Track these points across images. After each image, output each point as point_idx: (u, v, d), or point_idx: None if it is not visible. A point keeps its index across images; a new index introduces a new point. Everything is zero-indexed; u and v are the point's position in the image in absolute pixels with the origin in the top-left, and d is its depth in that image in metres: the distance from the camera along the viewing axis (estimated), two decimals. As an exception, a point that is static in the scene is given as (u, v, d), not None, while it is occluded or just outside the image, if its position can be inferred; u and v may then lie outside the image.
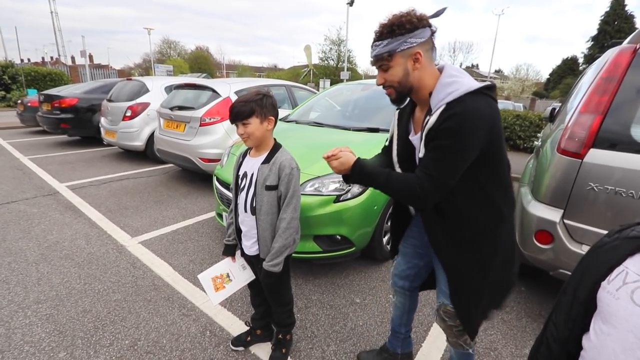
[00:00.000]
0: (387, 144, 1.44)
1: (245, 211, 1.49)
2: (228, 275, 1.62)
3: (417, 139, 1.17)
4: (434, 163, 1.05)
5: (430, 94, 1.09)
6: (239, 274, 1.64)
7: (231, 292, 1.62)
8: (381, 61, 1.09)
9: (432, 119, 1.05)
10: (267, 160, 1.43)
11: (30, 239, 2.86)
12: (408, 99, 1.19)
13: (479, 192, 1.11)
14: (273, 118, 1.43)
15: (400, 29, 1.03)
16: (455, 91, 1.03)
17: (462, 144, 1.01)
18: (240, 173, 1.51)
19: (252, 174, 1.45)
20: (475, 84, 1.04)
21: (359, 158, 1.18)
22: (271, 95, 1.43)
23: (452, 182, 1.05)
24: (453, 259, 1.19)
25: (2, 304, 2.04)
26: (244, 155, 1.54)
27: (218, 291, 1.59)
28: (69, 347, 1.75)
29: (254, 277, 1.65)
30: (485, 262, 1.17)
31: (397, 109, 1.30)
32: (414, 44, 1.05)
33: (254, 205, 1.45)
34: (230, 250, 1.63)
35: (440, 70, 1.13)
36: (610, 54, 1.87)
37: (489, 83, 1.08)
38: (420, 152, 1.11)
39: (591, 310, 0.65)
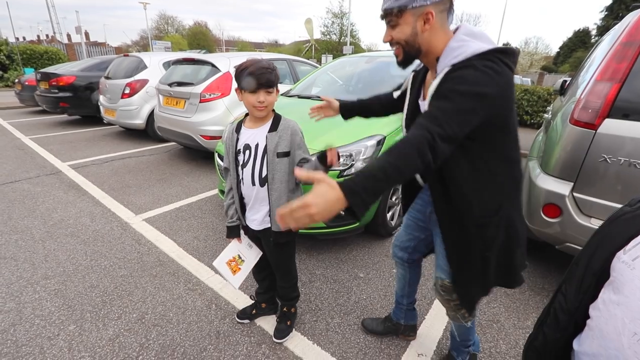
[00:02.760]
0: (396, 96, 1.41)
1: (254, 184, 1.44)
2: (240, 257, 1.60)
3: (425, 105, 1.10)
4: (430, 117, 0.90)
5: (438, 58, 1.02)
6: (248, 253, 1.63)
7: (247, 272, 1.61)
8: (390, 16, 1.01)
9: (436, 82, 0.98)
10: (273, 129, 1.39)
11: (35, 217, 2.88)
12: (417, 61, 1.11)
13: (483, 167, 1.05)
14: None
15: None
16: (461, 54, 0.95)
17: (463, 100, 0.90)
18: (240, 147, 1.45)
19: (257, 145, 1.40)
20: (485, 47, 0.95)
21: (342, 181, 0.80)
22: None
23: (460, 136, 0.90)
24: (456, 235, 1.16)
25: (11, 280, 2.08)
26: (238, 129, 1.46)
27: (236, 274, 1.58)
28: (79, 320, 1.78)
29: (261, 253, 1.64)
30: (488, 242, 1.12)
31: (412, 72, 1.24)
32: (427, 3, 0.96)
33: (264, 175, 1.41)
34: (234, 232, 1.59)
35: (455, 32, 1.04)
36: (631, 18, 1.76)
37: (504, 47, 0.98)
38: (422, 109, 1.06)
39: (603, 281, 0.63)
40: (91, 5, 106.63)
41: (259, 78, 1.27)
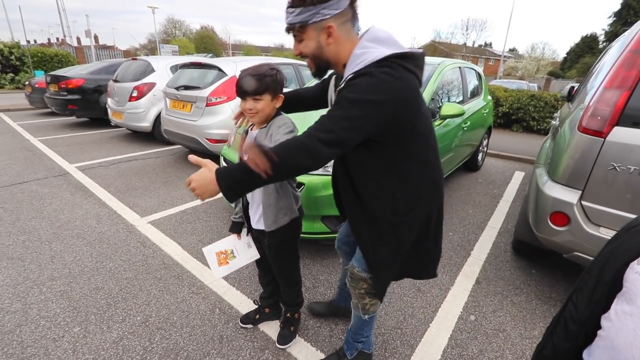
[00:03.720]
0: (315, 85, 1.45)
1: None
2: (232, 252, 1.60)
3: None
4: (319, 121, 0.95)
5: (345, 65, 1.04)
6: (243, 252, 1.62)
7: (234, 269, 1.60)
8: (294, 31, 1.03)
9: (338, 89, 1.04)
10: (264, 127, 1.38)
11: (42, 219, 2.91)
12: (331, 70, 1.15)
13: (393, 168, 1.09)
14: (282, 96, 1.36)
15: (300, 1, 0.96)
16: (362, 62, 0.97)
17: (355, 106, 0.92)
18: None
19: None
20: (385, 52, 0.96)
21: (218, 168, 0.96)
22: (281, 71, 1.35)
23: (348, 141, 0.94)
24: (366, 229, 1.20)
25: (18, 281, 2.10)
26: (247, 132, 1.49)
27: (221, 266, 1.57)
28: (83, 322, 1.79)
29: (258, 256, 1.64)
30: (401, 239, 1.18)
31: (333, 74, 1.29)
32: (327, 16, 0.97)
33: None
34: (236, 228, 1.61)
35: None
36: (641, 25, 1.75)
37: (407, 52, 0.98)
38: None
39: (615, 292, 0.62)
40: (101, 9, 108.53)
41: (242, 85, 1.26)
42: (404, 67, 0.97)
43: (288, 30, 1.04)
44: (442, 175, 1.23)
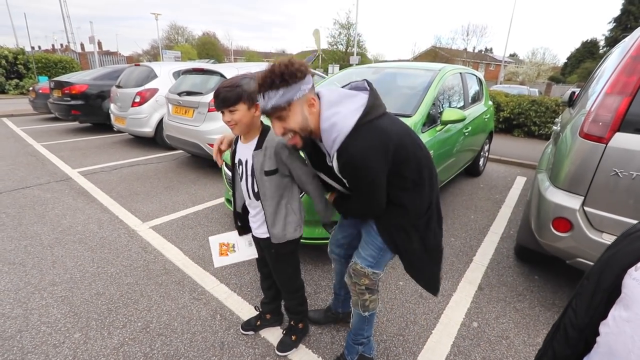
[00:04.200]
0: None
1: (250, 197, 1.47)
2: (233, 246, 1.63)
3: (335, 166, 1.23)
4: (358, 200, 1.28)
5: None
6: (243, 249, 1.64)
7: (232, 262, 1.63)
8: (280, 111, 1.09)
9: (335, 165, 1.18)
10: (259, 146, 1.36)
11: (44, 224, 2.92)
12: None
13: (410, 184, 1.24)
14: None
15: (293, 77, 1.05)
16: (337, 137, 1.11)
17: (366, 180, 1.15)
18: (236, 160, 1.47)
19: (247, 161, 1.41)
20: (352, 120, 1.10)
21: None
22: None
23: (379, 206, 1.24)
24: (395, 236, 1.34)
25: (19, 286, 2.10)
26: (236, 141, 1.48)
27: (221, 256, 1.61)
28: (84, 328, 1.79)
29: (256, 255, 1.63)
30: (424, 236, 1.33)
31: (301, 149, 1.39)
32: (306, 90, 1.09)
33: (256, 191, 1.42)
34: (240, 229, 1.62)
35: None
36: (641, 31, 1.75)
37: (367, 106, 1.12)
38: (337, 172, 1.21)
39: (614, 298, 0.62)
40: (105, 15, 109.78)
41: (217, 98, 1.26)
42: (373, 119, 1.13)
43: (273, 111, 1.10)
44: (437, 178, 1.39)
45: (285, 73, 1.04)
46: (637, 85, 1.59)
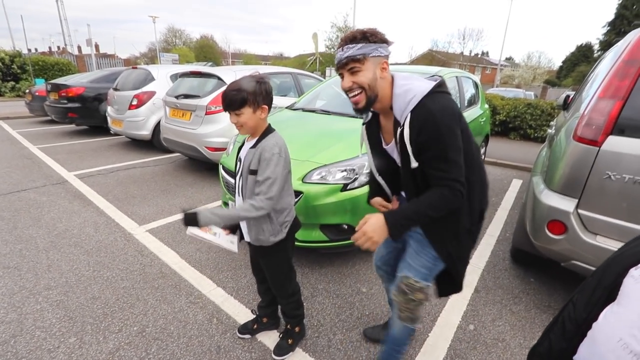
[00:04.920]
0: (361, 153, 1.50)
1: (239, 195, 1.48)
2: (214, 232, 1.48)
3: (391, 148, 1.25)
4: (444, 171, 1.10)
5: (391, 106, 1.16)
6: (223, 237, 1.49)
7: (204, 238, 1.44)
8: (354, 62, 1.11)
9: (406, 131, 1.11)
10: (254, 145, 1.38)
11: (40, 227, 2.90)
12: (370, 111, 1.25)
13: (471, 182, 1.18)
14: (267, 106, 1.35)
15: (374, 37, 1.10)
16: (413, 98, 1.10)
17: (451, 142, 1.08)
18: (237, 159, 1.50)
19: (244, 159, 1.43)
20: (427, 86, 1.12)
21: (384, 213, 1.13)
22: (266, 81, 1.34)
23: (464, 174, 1.13)
24: (448, 245, 1.26)
25: (14, 290, 2.08)
26: (244, 141, 1.51)
27: (201, 230, 1.43)
28: (79, 332, 1.77)
29: (236, 251, 1.51)
30: (474, 242, 1.31)
31: (363, 124, 1.35)
32: (383, 54, 1.13)
33: (242, 189, 1.44)
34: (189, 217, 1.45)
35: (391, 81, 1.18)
36: (633, 36, 1.78)
37: (440, 80, 1.16)
38: (413, 163, 1.14)
39: (614, 297, 0.64)
40: (102, 18, 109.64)
41: (224, 100, 1.29)
42: (444, 92, 1.14)
43: (347, 62, 1.12)
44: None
45: (367, 32, 1.11)
46: (629, 89, 1.62)
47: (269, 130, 1.41)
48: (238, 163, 1.49)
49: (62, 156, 5.23)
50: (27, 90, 8.60)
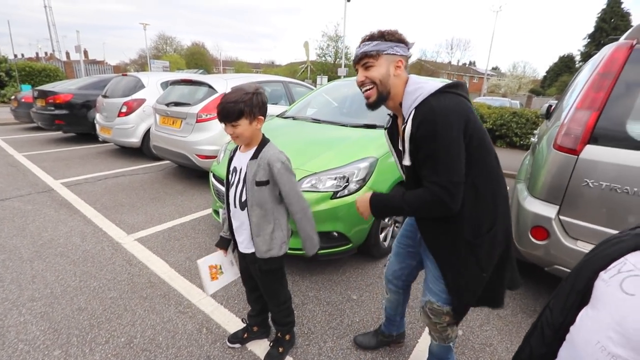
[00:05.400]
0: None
1: (235, 206, 1.48)
2: (221, 268, 1.63)
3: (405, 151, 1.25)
4: (431, 170, 1.09)
5: (402, 104, 1.18)
6: (228, 269, 1.65)
7: (222, 285, 1.63)
8: (367, 58, 1.17)
9: (408, 127, 1.12)
10: (254, 156, 1.40)
11: (24, 236, 2.84)
12: (382, 105, 1.25)
13: (470, 190, 1.12)
14: (262, 117, 1.39)
15: (390, 36, 1.16)
16: (419, 96, 1.11)
17: (444, 141, 1.06)
18: (231, 168, 1.50)
19: (241, 170, 1.44)
20: (438, 85, 1.12)
21: (373, 193, 1.26)
22: (261, 92, 1.37)
23: (457, 179, 1.08)
24: (449, 259, 1.21)
25: (-4, 302, 2.02)
26: (235, 150, 1.53)
27: (213, 281, 1.60)
28: (64, 344, 1.74)
29: (239, 274, 1.67)
30: (482, 262, 1.17)
31: (385, 128, 1.37)
32: (399, 53, 1.17)
33: (243, 200, 1.44)
34: (223, 243, 1.62)
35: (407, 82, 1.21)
36: (607, 50, 1.87)
37: (454, 81, 1.16)
38: (405, 160, 1.16)
39: (587, 300, 0.66)
40: (92, 24, 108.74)
41: (220, 112, 1.31)
42: (457, 93, 1.13)
43: (361, 58, 1.18)
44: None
45: (385, 31, 1.16)
46: (604, 101, 1.70)
47: (265, 140, 1.45)
48: (233, 173, 1.49)
49: (48, 164, 5.13)
50: (13, 97, 8.44)
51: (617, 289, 0.58)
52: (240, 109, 1.30)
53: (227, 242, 1.62)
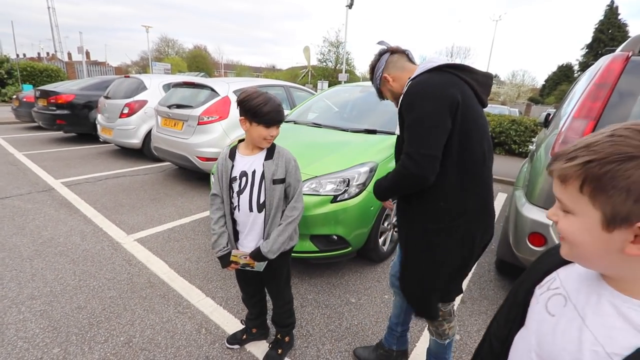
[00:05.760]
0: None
1: (251, 210, 1.44)
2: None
3: None
4: (406, 142, 1.12)
5: None
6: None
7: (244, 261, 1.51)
8: (380, 93, 1.44)
9: (401, 98, 1.21)
10: (269, 157, 1.44)
11: (24, 235, 2.84)
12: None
13: (440, 176, 1.10)
14: None
15: (371, 72, 1.38)
16: (418, 72, 1.19)
17: (419, 113, 1.07)
18: (236, 174, 1.44)
19: (255, 172, 1.43)
20: (435, 63, 1.16)
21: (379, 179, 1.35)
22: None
23: (426, 151, 1.05)
24: (406, 243, 1.30)
25: (-5, 300, 2.03)
26: (232, 156, 1.47)
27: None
28: (63, 343, 1.74)
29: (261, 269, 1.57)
30: (442, 254, 1.20)
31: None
32: (379, 74, 1.34)
33: (262, 201, 1.43)
34: (226, 260, 1.49)
35: None
36: (603, 61, 1.92)
37: (458, 63, 1.17)
38: (397, 130, 1.27)
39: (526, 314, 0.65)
40: (94, 26, 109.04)
41: (278, 115, 1.38)
42: (454, 74, 1.13)
43: (380, 91, 1.43)
44: (493, 197, 1.21)
45: (370, 70, 1.40)
46: (601, 111, 1.73)
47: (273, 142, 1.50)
48: (241, 179, 1.43)
49: (49, 163, 5.14)
50: (15, 96, 8.47)
51: (543, 308, 0.56)
52: (283, 112, 1.42)
53: (228, 256, 1.49)
